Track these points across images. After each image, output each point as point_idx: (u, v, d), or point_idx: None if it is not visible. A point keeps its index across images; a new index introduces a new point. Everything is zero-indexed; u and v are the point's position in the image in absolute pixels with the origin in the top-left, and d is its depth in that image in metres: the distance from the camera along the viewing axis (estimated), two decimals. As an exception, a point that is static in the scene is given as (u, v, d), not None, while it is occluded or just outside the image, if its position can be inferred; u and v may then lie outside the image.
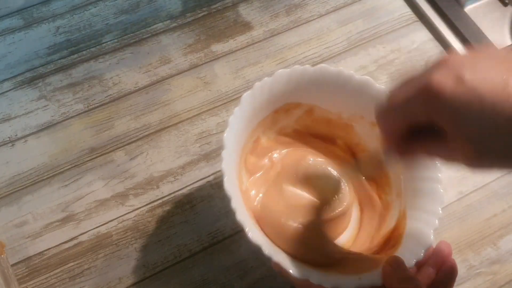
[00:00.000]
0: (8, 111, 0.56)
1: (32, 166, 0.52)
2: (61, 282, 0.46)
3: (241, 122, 0.41)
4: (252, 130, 0.45)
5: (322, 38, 0.60)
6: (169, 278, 0.47)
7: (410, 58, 0.58)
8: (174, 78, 0.58)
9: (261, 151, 0.47)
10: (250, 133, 0.45)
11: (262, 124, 0.46)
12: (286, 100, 0.45)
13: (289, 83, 0.43)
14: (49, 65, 0.59)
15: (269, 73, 0.57)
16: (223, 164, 0.37)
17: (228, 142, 0.39)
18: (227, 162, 0.38)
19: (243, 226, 0.35)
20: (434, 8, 0.62)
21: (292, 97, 0.45)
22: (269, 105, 0.45)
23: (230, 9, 0.63)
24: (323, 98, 0.46)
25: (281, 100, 0.45)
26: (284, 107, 0.46)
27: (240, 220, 0.35)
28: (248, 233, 0.35)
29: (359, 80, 0.43)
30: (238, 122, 0.41)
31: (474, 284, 0.46)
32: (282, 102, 0.45)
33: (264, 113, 0.45)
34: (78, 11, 0.63)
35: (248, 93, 0.41)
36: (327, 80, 0.44)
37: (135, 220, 0.49)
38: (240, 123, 0.41)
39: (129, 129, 0.54)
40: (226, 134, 0.39)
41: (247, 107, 0.42)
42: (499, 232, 0.48)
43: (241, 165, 0.44)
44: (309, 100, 0.46)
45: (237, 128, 0.41)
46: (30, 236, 0.49)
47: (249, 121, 0.43)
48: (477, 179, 0.51)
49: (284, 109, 0.46)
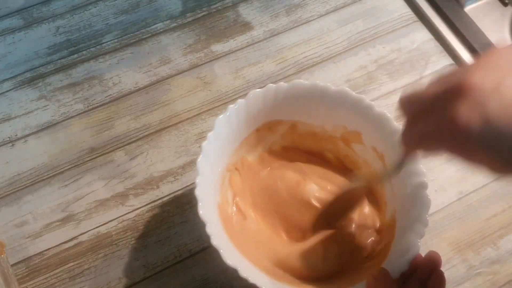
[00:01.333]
0: (8, 111, 0.56)
1: (32, 166, 0.52)
2: (61, 282, 0.46)
3: (217, 146, 0.42)
4: (235, 150, 0.46)
5: (322, 38, 0.60)
6: (169, 278, 0.47)
7: (410, 58, 0.58)
8: (174, 78, 0.58)
9: (248, 169, 0.47)
10: (233, 153, 0.45)
11: (246, 143, 0.46)
12: (266, 119, 0.46)
13: (265, 102, 0.44)
14: (49, 65, 0.59)
15: (269, 73, 0.58)
16: (197, 191, 0.38)
17: (203, 168, 0.39)
18: (202, 187, 0.38)
19: (218, 250, 0.36)
20: (434, 8, 0.62)
21: (272, 115, 0.46)
22: (249, 125, 0.45)
23: (230, 9, 0.63)
24: (303, 112, 0.46)
25: (260, 119, 0.45)
26: (266, 125, 0.46)
27: (215, 245, 0.36)
28: (224, 258, 0.36)
29: (335, 91, 0.43)
30: (214, 146, 0.41)
31: (474, 284, 0.46)
32: (261, 121, 0.46)
33: (245, 133, 0.46)
34: (78, 11, 0.63)
35: (221, 117, 0.42)
36: (304, 95, 0.44)
37: (135, 220, 0.49)
38: (216, 147, 0.42)
39: (129, 129, 0.54)
40: (200, 160, 0.40)
41: (223, 131, 0.42)
42: (499, 232, 0.48)
43: (224, 185, 0.45)
44: (290, 116, 0.47)
45: (214, 153, 0.41)
46: (30, 236, 0.49)
47: (229, 142, 0.44)
48: (477, 179, 0.51)
49: (266, 127, 0.47)
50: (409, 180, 0.40)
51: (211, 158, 0.41)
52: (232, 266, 0.35)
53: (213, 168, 0.42)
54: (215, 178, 0.43)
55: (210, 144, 0.41)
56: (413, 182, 0.40)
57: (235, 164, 0.46)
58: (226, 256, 0.36)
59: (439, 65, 0.58)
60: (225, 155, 0.44)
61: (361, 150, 0.46)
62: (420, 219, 0.38)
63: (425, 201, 0.39)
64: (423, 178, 0.40)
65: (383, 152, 0.44)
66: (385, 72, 0.58)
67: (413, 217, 0.39)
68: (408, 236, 0.38)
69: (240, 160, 0.47)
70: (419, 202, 0.39)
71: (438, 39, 0.60)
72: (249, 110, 0.44)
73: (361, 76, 0.57)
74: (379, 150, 0.44)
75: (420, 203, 0.39)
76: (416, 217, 0.38)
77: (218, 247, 0.36)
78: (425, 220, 0.38)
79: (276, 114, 0.46)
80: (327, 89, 0.43)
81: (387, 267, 0.37)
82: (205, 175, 0.39)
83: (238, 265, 0.36)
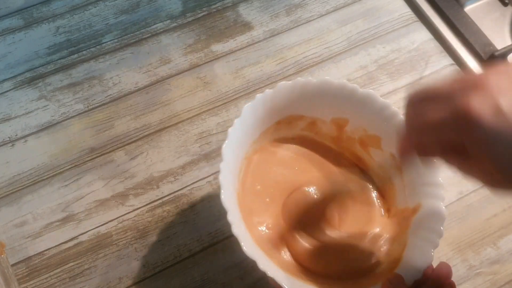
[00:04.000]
0: (8, 111, 0.56)
1: (32, 166, 0.52)
2: (61, 282, 0.46)
3: (241, 133, 0.41)
4: (254, 140, 0.45)
5: (322, 38, 0.60)
6: (169, 278, 0.47)
7: (410, 58, 0.58)
8: (174, 78, 0.58)
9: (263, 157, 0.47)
10: (252, 142, 0.45)
11: (264, 134, 0.46)
12: (289, 112, 0.45)
13: (292, 96, 0.44)
14: (49, 65, 0.59)
15: (269, 73, 0.58)
16: (221, 177, 0.37)
17: (227, 154, 0.39)
18: (224, 174, 0.38)
19: (239, 240, 0.35)
20: (434, 8, 0.62)
21: (295, 109, 0.45)
22: (272, 117, 0.45)
23: (230, 9, 0.63)
24: (326, 111, 0.46)
25: (283, 112, 0.45)
26: (287, 119, 0.46)
27: (236, 233, 0.35)
28: (243, 248, 0.35)
29: (362, 94, 0.43)
30: (238, 133, 0.41)
31: (474, 284, 0.46)
32: (284, 114, 0.45)
33: (267, 123, 0.45)
34: (78, 11, 0.63)
35: (249, 104, 0.41)
36: (331, 93, 0.44)
37: (135, 220, 0.49)
38: (240, 134, 0.41)
39: (129, 129, 0.54)
40: (225, 146, 0.39)
41: (248, 119, 0.42)
42: (499, 232, 0.48)
43: (241, 174, 0.44)
44: (312, 112, 0.46)
45: (237, 139, 0.41)
46: (30, 236, 0.49)
47: (251, 131, 0.43)
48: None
49: (287, 121, 0.46)
50: (424, 189, 0.40)
51: (234, 145, 0.40)
52: (251, 257, 0.35)
53: (234, 155, 0.41)
54: (234, 166, 0.42)
55: (235, 130, 0.40)
56: (429, 192, 0.40)
57: (253, 153, 0.46)
58: (246, 246, 0.35)
59: (439, 65, 0.58)
60: (246, 143, 0.44)
61: (379, 155, 0.45)
62: (435, 229, 0.38)
63: (441, 213, 0.38)
64: (441, 190, 0.39)
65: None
66: (385, 72, 0.58)
67: (428, 228, 0.38)
68: (422, 245, 0.38)
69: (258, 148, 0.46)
70: (436, 214, 0.39)
71: (438, 39, 0.60)
72: (275, 101, 0.43)
73: (361, 76, 0.57)
74: (397, 157, 0.43)
75: (437, 214, 0.39)
76: (431, 227, 0.38)
77: (238, 237, 0.35)
78: (440, 231, 0.38)
79: (299, 109, 0.45)
80: (355, 91, 0.43)
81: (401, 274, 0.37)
82: (228, 161, 0.39)
83: (256, 257, 0.35)
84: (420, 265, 0.36)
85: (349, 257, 0.42)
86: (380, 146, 0.45)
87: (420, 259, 0.37)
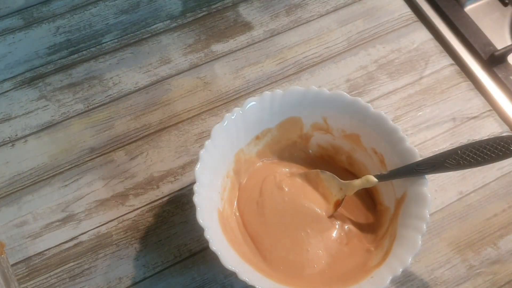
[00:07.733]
0: (8, 111, 0.56)
1: (32, 166, 0.52)
2: (61, 282, 0.46)
3: (216, 153, 0.43)
4: (235, 157, 0.46)
5: (322, 38, 0.60)
6: (169, 278, 0.47)
7: (410, 58, 0.58)
8: (174, 78, 0.58)
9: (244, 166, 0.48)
10: (233, 160, 0.46)
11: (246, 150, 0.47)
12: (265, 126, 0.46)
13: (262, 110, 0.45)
14: (49, 65, 0.59)
15: (269, 73, 0.58)
16: (195, 198, 0.39)
17: (201, 175, 0.40)
18: (200, 194, 0.40)
19: (217, 254, 0.37)
20: (434, 8, 0.62)
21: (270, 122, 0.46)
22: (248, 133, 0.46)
23: (230, 9, 0.63)
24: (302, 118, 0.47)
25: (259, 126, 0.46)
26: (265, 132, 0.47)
27: (214, 249, 0.37)
28: (222, 261, 0.37)
29: (329, 95, 0.44)
30: (212, 154, 0.42)
31: (474, 284, 0.46)
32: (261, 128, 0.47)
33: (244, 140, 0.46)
34: (78, 11, 0.63)
35: (218, 126, 0.43)
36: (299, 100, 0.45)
37: (135, 220, 0.49)
38: (215, 154, 0.42)
39: (129, 129, 0.54)
40: (198, 168, 0.41)
41: (220, 139, 0.43)
42: (499, 232, 0.48)
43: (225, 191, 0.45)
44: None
45: (213, 159, 0.42)
46: (30, 236, 0.49)
47: (228, 150, 0.45)
48: (477, 179, 0.51)
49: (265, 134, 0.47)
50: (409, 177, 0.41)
51: (210, 165, 0.42)
52: (231, 270, 0.36)
53: (213, 174, 0.43)
54: (215, 184, 0.43)
55: (207, 152, 0.42)
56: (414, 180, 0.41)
57: (235, 170, 0.47)
58: (225, 259, 0.37)
59: (439, 65, 0.58)
60: (225, 161, 0.45)
61: (361, 152, 0.46)
62: (421, 215, 0.38)
63: (425, 197, 0.39)
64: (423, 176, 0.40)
65: (382, 153, 0.44)
66: (385, 72, 0.58)
67: (415, 214, 0.39)
68: (409, 234, 0.38)
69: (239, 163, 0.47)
70: (420, 199, 0.39)
71: (438, 39, 0.60)
72: (245, 119, 0.44)
73: (361, 76, 0.57)
74: (378, 151, 0.44)
75: (421, 199, 0.39)
76: (417, 213, 0.39)
77: (217, 251, 0.37)
78: (426, 216, 0.38)
79: (274, 121, 0.46)
80: (321, 94, 0.44)
81: (390, 265, 0.37)
82: (203, 182, 0.40)
83: (237, 268, 0.37)
84: (408, 253, 0.37)
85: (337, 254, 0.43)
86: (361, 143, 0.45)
87: (408, 248, 0.38)
